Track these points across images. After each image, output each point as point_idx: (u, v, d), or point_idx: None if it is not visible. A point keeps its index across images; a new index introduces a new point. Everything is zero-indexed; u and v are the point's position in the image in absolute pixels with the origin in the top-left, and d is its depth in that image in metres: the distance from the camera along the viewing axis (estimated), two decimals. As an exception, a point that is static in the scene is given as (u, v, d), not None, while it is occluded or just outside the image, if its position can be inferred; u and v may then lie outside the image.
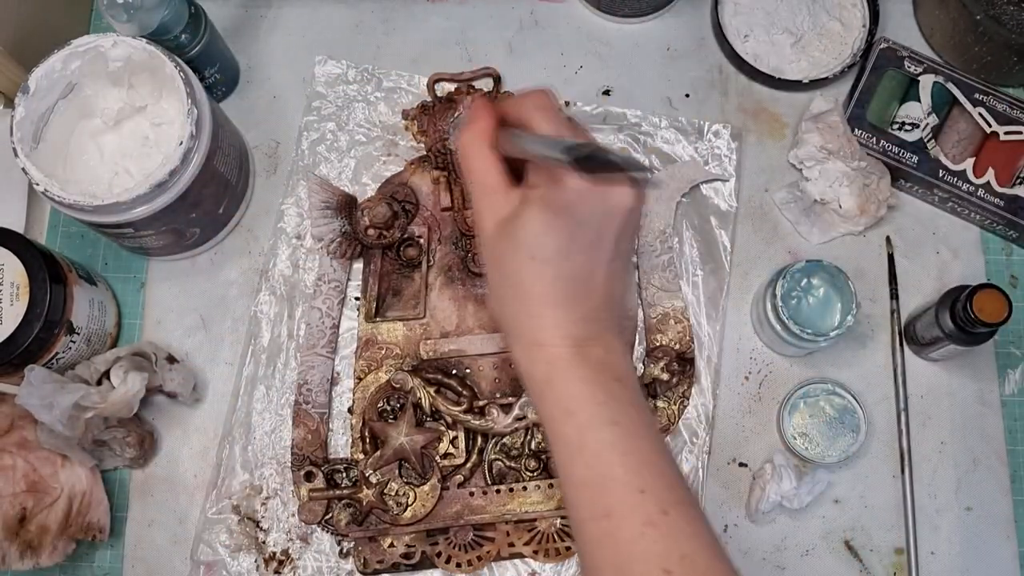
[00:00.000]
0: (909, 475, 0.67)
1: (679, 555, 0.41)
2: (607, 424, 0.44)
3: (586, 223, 0.44)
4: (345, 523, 0.62)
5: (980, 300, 0.61)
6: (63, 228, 0.72)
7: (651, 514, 0.42)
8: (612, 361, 0.45)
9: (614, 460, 0.43)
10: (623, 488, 0.42)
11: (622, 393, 0.45)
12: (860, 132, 0.71)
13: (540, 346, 0.45)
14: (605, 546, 0.42)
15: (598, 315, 0.46)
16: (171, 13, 0.63)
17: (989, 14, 0.69)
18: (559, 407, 0.44)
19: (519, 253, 0.45)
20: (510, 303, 0.46)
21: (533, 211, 0.44)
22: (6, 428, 0.62)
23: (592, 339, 0.45)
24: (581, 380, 0.44)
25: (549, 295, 0.45)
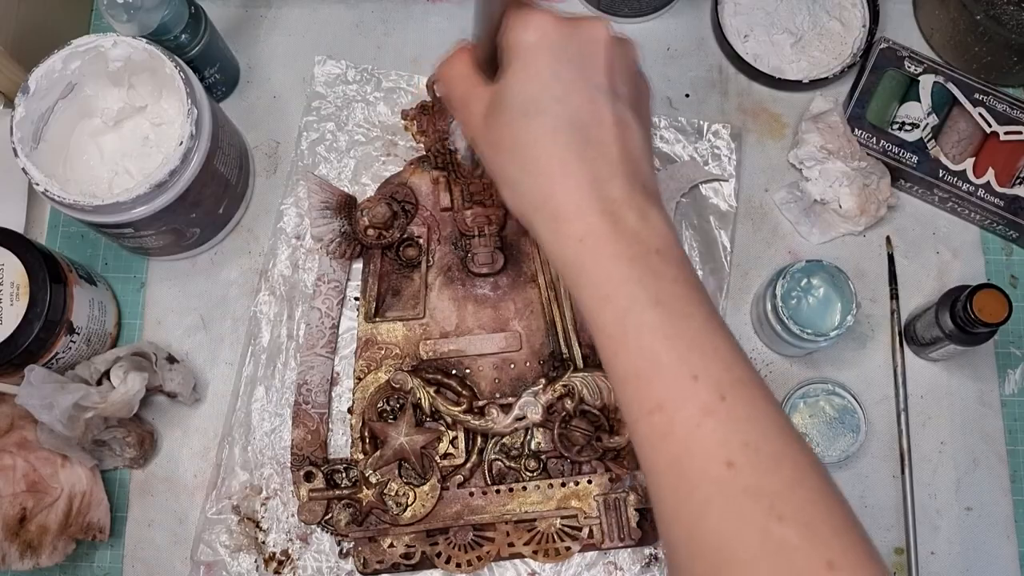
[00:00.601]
0: (909, 475, 0.67)
1: (741, 443, 0.37)
2: (649, 306, 0.39)
3: (566, 58, 0.41)
4: (345, 523, 0.62)
5: (980, 300, 0.61)
6: (63, 228, 0.72)
7: (707, 401, 0.38)
8: (648, 229, 0.41)
9: (660, 346, 0.39)
10: (673, 376, 0.38)
11: (663, 267, 0.40)
12: (860, 132, 0.71)
13: (565, 220, 0.41)
14: (660, 442, 0.39)
15: (620, 170, 0.41)
16: (171, 13, 0.63)
17: (989, 14, 0.69)
18: (595, 293, 0.40)
19: (512, 119, 0.42)
20: (521, 180, 0.42)
21: (509, 72, 0.42)
22: (6, 428, 0.62)
23: (622, 204, 0.40)
24: (615, 257, 0.40)
25: (556, 150, 0.41)
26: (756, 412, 0.38)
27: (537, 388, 0.63)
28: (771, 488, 0.37)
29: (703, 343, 0.39)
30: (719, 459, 0.37)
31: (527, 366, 0.66)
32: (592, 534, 0.63)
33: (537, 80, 0.41)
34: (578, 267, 0.41)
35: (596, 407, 0.64)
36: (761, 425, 0.38)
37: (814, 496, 0.37)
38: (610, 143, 0.42)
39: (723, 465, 0.37)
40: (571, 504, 0.63)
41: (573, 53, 0.42)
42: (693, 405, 0.38)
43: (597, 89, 0.42)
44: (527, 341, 0.67)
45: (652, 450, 0.39)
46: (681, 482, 0.38)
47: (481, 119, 0.44)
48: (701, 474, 0.37)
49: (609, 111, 0.42)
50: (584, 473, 0.64)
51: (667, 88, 0.75)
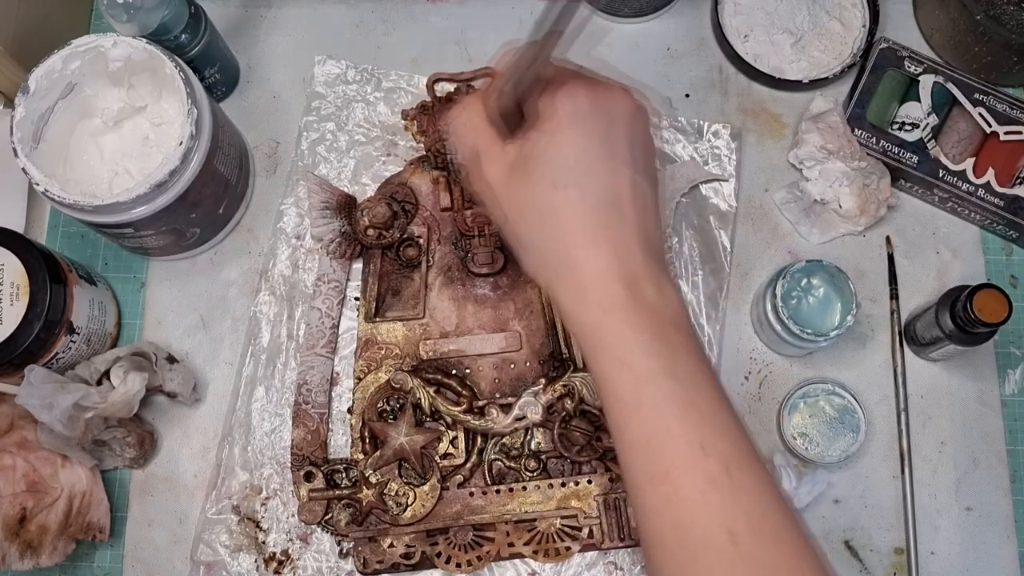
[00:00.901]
0: (909, 475, 0.67)
1: (744, 515, 0.38)
2: (664, 377, 0.40)
3: (595, 132, 0.42)
4: (345, 523, 0.62)
5: (980, 300, 0.61)
6: (63, 228, 0.72)
7: (713, 473, 0.39)
8: (664, 302, 0.42)
9: (672, 416, 0.40)
10: (683, 446, 0.40)
11: (679, 341, 0.41)
12: (860, 132, 0.71)
13: (587, 289, 0.42)
14: (665, 511, 0.40)
15: (643, 248, 0.43)
16: (171, 13, 0.63)
17: (989, 14, 0.69)
18: (613, 359, 0.41)
19: (540, 186, 0.43)
20: (545, 248, 0.44)
21: (548, 133, 0.43)
22: (6, 428, 0.62)
23: (643, 278, 0.42)
24: (636, 328, 0.41)
25: (585, 223, 0.42)
26: (759, 489, 0.40)
27: (537, 388, 0.63)
28: (771, 561, 0.38)
29: (712, 416, 0.41)
30: (722, 529, 0.38)
31: (527, 366, 0.66)
32: (592, 534, 0.63)
33: (569, 152, 0.42)
34: (599, 334, 0.42)
35: (596, 407, 0.64)
36: (764, 502, 0.39)
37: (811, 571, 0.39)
38: (630, 216, 0.43)
39: (726, 535, 0.38)
40: (571, 504, 0.63)
41: (602, 126, 0.43)
42: (700, 476, 0.39)
43: (621, 163, 0.43)
44: (527, 341, 0.67)
45: (656, 517, 0.40)
46: (683, 550, 0.39)
47: (502, 179, 0.45)
48: (703, 544, 0.39)
49: (629, 185, 0.43)
50: (584, 473, 0.64)
51: (667, 88, 0.75)
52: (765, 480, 0.40)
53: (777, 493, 0.40)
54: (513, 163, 0.44)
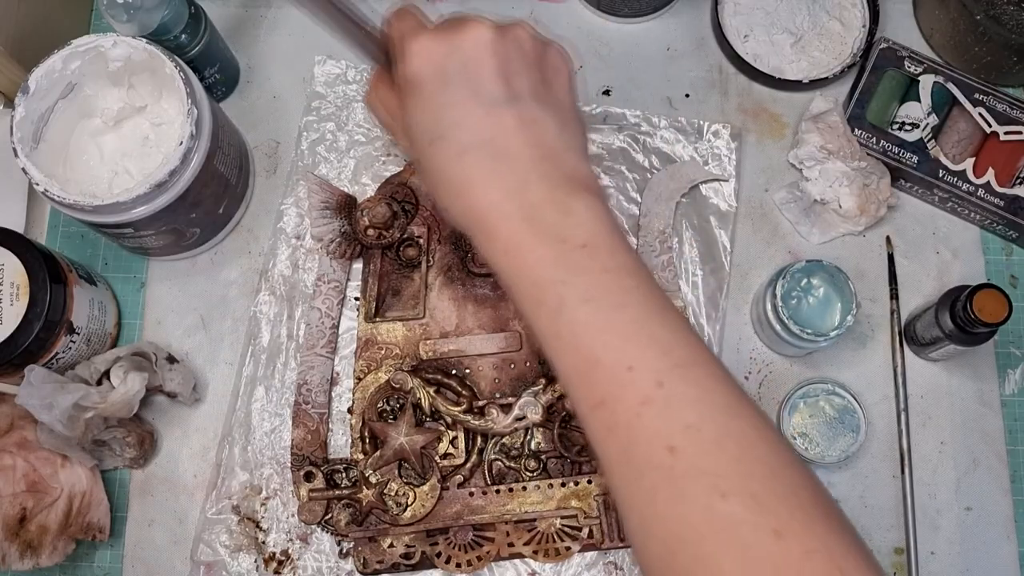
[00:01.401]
0: (909, 475, 0.67)
1: (683, 426, 0.38)
2: (579, 304, 0.40)
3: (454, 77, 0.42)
4: (345, 523, 0.62)
5: (980, 300, 0.61)
6: (63, 228, 0.72)
7: (644, 390, 0.38)
8: (572, 225, 0.41)
9: (593, 342, 0.39)
10: (609, 370, 0.39)
11: (589, 262, 0.40)
12: (860, 132, 0.71)
13: (491, 235, 0.41)
14: (608, 436, 0.39)
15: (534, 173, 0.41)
16: (171, 13, 0.63)
17: (989, 14, 0.69)
18: (529, 298, 0.41)
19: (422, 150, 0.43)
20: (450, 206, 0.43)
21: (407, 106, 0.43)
22: (6, 428, 0.62)
23: (540, 205, 0.41)
24: (539, 261, 0.40)
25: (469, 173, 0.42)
26: (698, 392, 0.39)
27: (537, 388, 0.63)
28: (714, 467, 0.37)
29: (637, 332, 0.39)
30: (661, 446, 0.37)
31: (527, 366, 0.66)
32: (592, 534, 0.63)
33: (431, 109, 0.42)
34: (509, 278, 0.42)
35: (596, 407, 0.64)
36: (703, 406, 0.38)
37: (760, 468, 0.37)
38: (518, 149, 0.42)
39: (665, 451, 0.37)
40: (571, 504, 0.63)
41: (459, 67, 0.42)
42: (631, 396, 0.38)
43: (492, 99, 0.42)
44: (527, 341, 0.67)
45: (603, 444, 0.40)
46: (630, 471, 0.39)
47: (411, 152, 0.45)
48: (646, 462, 0.38)
49: (510, 116, 0.42)
50: (584, 473, 0.64)
51: (667, 88, 0.75)
52: (707, 379, 0.39)
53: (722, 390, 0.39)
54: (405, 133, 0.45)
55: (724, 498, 0.36)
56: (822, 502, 0.37)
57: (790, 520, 0.36)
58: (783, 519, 0.36)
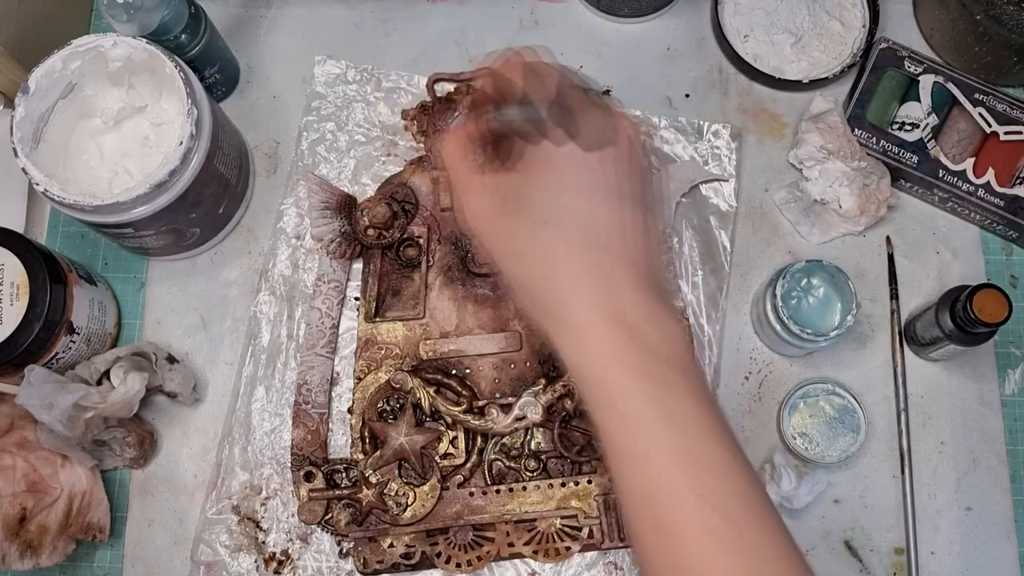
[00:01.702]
0: (909, 475, 0.67)
1: (747, 566, 0.37)
2: (664, 424, 0.39)
3: (580, 172, 0.41)
4: (345, 523, 0.62)
5: (980, 300, 0.61)
6: (63, 228, 0.72)
7: (712, 524, 0.37)
8: (669, 344, 0.41)
9: (670, 466, 0.39)
10: (681, 496, 0.38)
11: (677, 378, 0.40)
12: (860, 132, 0.71)
13: (583, 333, 0.41)
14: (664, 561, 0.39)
15: (641, 283, 0.41)
16: (171, 13, 0.63)
17: (989, 14, 0.69)
18: (612, 407, 0.40)
19: (532, 222, 0.42)
20: (534, 288, 0.42)
21: (537, 169, 0.42)
22: (6, 428, 0.62)
23: (642, 316, 0.41)
24: (631, 371, 0.40)
25: (578, 264, 0.41)
26: (765, 539, 0.38)
27: (537, 388, 0.63)
28: None
29: (716, 465, 0.39)
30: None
31: (527, 366, 0.66)
32: (592, 534, 0.63)
33: (559, 189, 0.41)
34: (596, 380, 0.41)
35: (596, 407, 0.64)
36: (770, 554, 0.38)
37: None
38: (630, 254, 0.42)
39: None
40: (571, 504, 0.63)
41: (588, 170, 0.42)
42: (698, 527, 0.38)
43: (607, 194, 0.42)
44: (527, 341, 0.67)
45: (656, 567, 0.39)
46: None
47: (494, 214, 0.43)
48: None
49: (618, 216, 0.42)
50: (584, 473, 0.64)
51: (667, 88, 0.75)
52: (772, 529, 0.39)
53: (785, 542, 0.38)
54: (498, 195, 0.43)
55: None
56: None
57: None
58: None
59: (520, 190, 0.42)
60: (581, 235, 0.41)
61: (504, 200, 0.43)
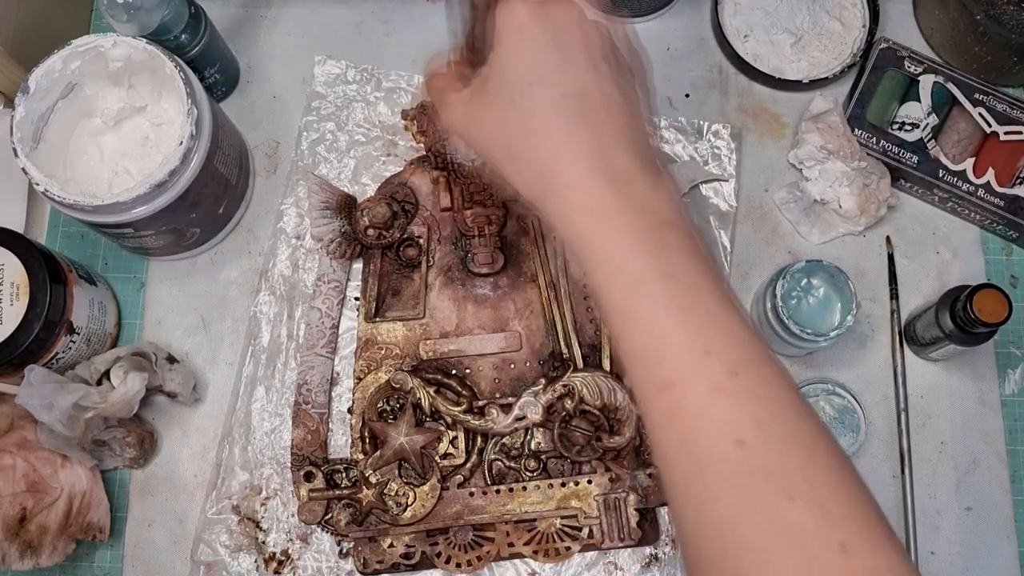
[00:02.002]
0: (909, 475, 0.67)
1: (753, 421, 0.36)
2: (661, 278, 0.38)
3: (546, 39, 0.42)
4: (345, 523, 0.62)
5: (980, 300, 0.61)
6: (63, 228, 0.72)
7: (718, 379, 0.37)
8: (659, 201, 0.40)
9: (671, 320, 0.38)
10: (684, 351, 0.37)
11: (675, 239, 0.39)
12: (860, 132, 0.71)
13: (573, 190, 0.40)
14: (670, 421, 0.37)
15: (626, 142, 0.41)
16: (171, 13, 0.63)
17: (989, 14, 0.69)
18: (605, 264, 0.39)
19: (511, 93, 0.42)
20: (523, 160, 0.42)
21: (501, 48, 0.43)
22: (6, 428, 0.62)
23: (629, 174, 0.40)
24: (625, 228, 0.39)
25: (562, 119, 0.41)
26: (768, 390, 0.37)
27: (537, 388, 0.63)
28: (782, 468, 0.36)
29: (714, 318, 0.38)
30: (729, 438, 0.36)
31: (527, 366, 0.66)
32: (592, 534, 0.63)
33: (527, 57, 0.42)
34: (587, 239, 0.40)
35: (596, 407, 0.64)
36: (773, 404, 0.37)
37: (827, 476, 0.36)
38: (613, 113, 0.41)
39: (733, 444, 0.36)
40: (571, 504, 0.63)
41: (549, 34, 0.43)
42: (704, 382, 0.37)
43: (579, 67, 0.42)
44: (527, 341, 0.67)
45: (662, 429, 0.38)
46: (691, 463, 0.37)
47: (468, 105, 0.45)
48: (711, 454, 0.36)
49: (594, 88, 0.42)
50: (584, 473, 0.64)
51: (667, 88, 0.75)
52: (776, 379, 0.38)
53: (789, 391, 0.37)
54: (477, 88, 0.44)
55: (791, 502, 0.35)
56: (883, 519, 0.36)
57: (856, 535, 0.34)
58: (850, 533, 0.34)
59: (491, 74, 0.43)
60: (561, 94, 0.41)
61: (480, 87, 0.44)
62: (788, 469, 0.36)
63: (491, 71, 0.44)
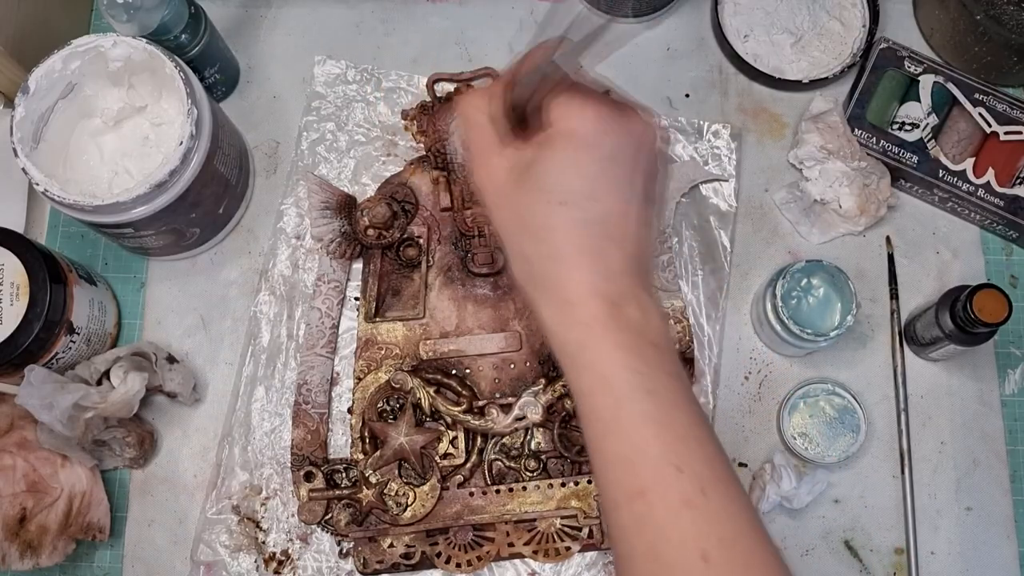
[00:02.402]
0: (909, 475, 0.67)
1: (718, 538, 0.39)
2: (643, 394, 0.40)
3: (603, 156, 0.42)
4: (345, 523, 0.62)
5: (980, 300, 0.61)
6: (63, 228, 0.72)
7: (688, 493, 0.39)
8: (648, 324, 0.42)
9: (649, 434, 0.40)
10: (659, 465, 0.40)
11: (659, 360, 0.42)
12: (860, 132, 0.71)
13: (572, 305, 0.42)
14: (638, 529, 0.40)
15: (631, 269, 0.43)
16: (171, 13, 0.63)
17: (989, 14, 0.69)
18: (594, 376, 0.41)
19: (540, 201, 0.42)
20: (536, 260, 0.43)
21: (556, 150, 0.42)
22: (6, 428, 0.62)
23: (627, 298, 0.42)
24: (617, 346, 0.41)
25: (579, 243, 0.42)
26: (733, 510, 0.40)
27: (537, 388, 0.63)
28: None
29: (691, 436, 0.41)
30: (695, 551, 0.38)
31: (527, 366, 0.66)
32: (592, 534, 0.63)
33: (581, 174, 0.42)
34: (580, 348, 0.42)
35: (596, 407, 0.64)
36: (736, 524, 0.40)
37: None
38: (630, 242, 0.43)
39: (699, 557, 0.38)
40: (571, 504, 0.63)
41: (614, 151, 0.43)
42: (675, 495, 0.39)
43: (624, 188, 0.43)
44: (527, 341, 0.67)
45: (630, 534, 0.40)
46: (657, 568, 0.39)
47: (506, 184, 0.44)
48: (676, 564, 0.39)
49: (634, 213, 0.43)
50: (584, 473, 0.64)
51: (667, 88, 0.75)
52: (739, 500, 0.40)
53: (751, 513, 0.41)
54: (512, 169, 0.44)
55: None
56: None
57: None
58: None
59: (535, 165, 0.43)
60: (588, 218, 0.43)
61: (519, 173, 0.44)
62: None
63: (540, 170, 0.43)
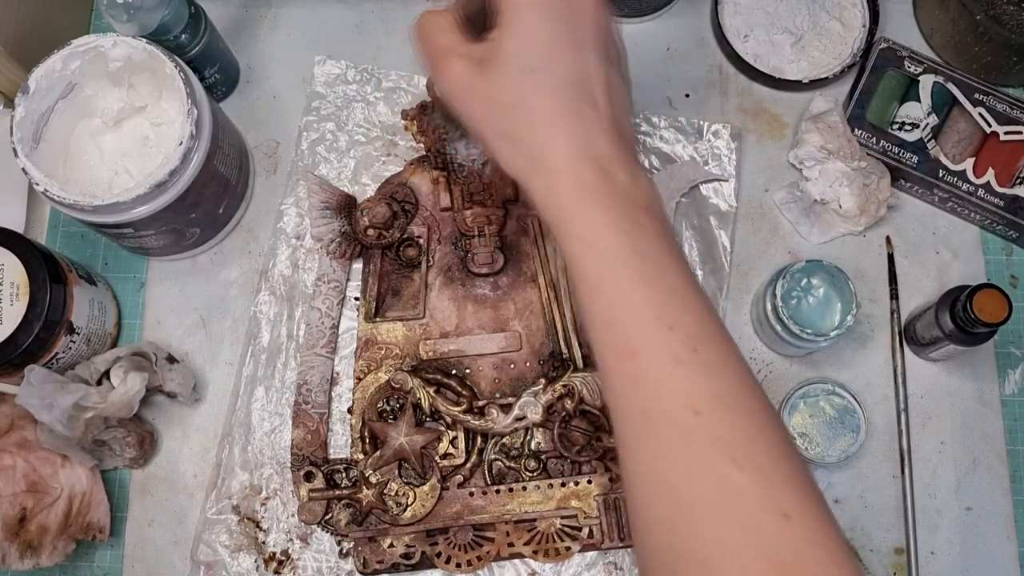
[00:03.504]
0: (909, 475, 0.67)
1: (709, 394, 0.39)
2: (632, 255, 0.41)
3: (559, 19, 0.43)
4: (345, 523, 0.62)
5: (980, 300, 0.61)
6: (63, 228, 0.72)
7: (679, 352, 0.39)
8: (638, 188, 0.43)
9: (639, 294, 0.40)
10: (649, 324, 0.40)
11: (649, 223, 0.42)
12: (860, 132, 0.71)
13: (559, 173, 0.42)
14: (632, 389, 0.40)
15: (610, 131, 0.43)
16: (171, 13, 0.63)
17: (989, 14, 0.69)
18: (581, 241, 0.42)
19: (509, 74, 0.43)
20: (516, 136, 0.44)
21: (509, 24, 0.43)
22: (6, 428, 0.62)
23: (613, 162, 0.42)
24: (605, 208, 0.41)
25: (554, 106, 0.43)
26: (725, 367, 0.40)
27: (537, 388, 0.63)
28: (733, 439, 0.38)
29: (681, 296, 0.41)
30: (686, 407, 0.39)
31: (527, 366, 0.66)
32: (592, 534, 0.63)
33: (536, 39, 0.43)
34: (568, 216, 0.42)
35: (596, 407, 0.64)
36: (729, 379, 0.40)
37: (772, 448, 0.39)
38: (602, 103, 0.43)
39: (690, 413, 0.38)
40: (571, 504, 0.63)
41: (565, 14, 0.44)
42: (666, 354, 0.40)
43: (589, 50, 0.44)
44: (527, 341, 0.67)
45: (622, 395, 0.41)
46: (647, 425, 0.40)
47: (470, 75, 0.45)
48: (667, 419, 0.39)
49: (598, 72, 0.44)
50: (584, 473, 0.64)
51: (667, 88, 0.75)
52: (731, 356, 0.41)
53: (742, 368, 0.41)
54: (473, 60, 0.45)
55: (740, 470, 0.37)
56: (818, 490, 0.39)
57: (795, 503, 0.37)
58: (793, 503, 0.37)
59: (494, 48, 0.44)
60: (558, 81, 0.43)
61: (480, 62, 0.45)
62: (738, 440, 0.38)
63: (498, 47, 0.44)
